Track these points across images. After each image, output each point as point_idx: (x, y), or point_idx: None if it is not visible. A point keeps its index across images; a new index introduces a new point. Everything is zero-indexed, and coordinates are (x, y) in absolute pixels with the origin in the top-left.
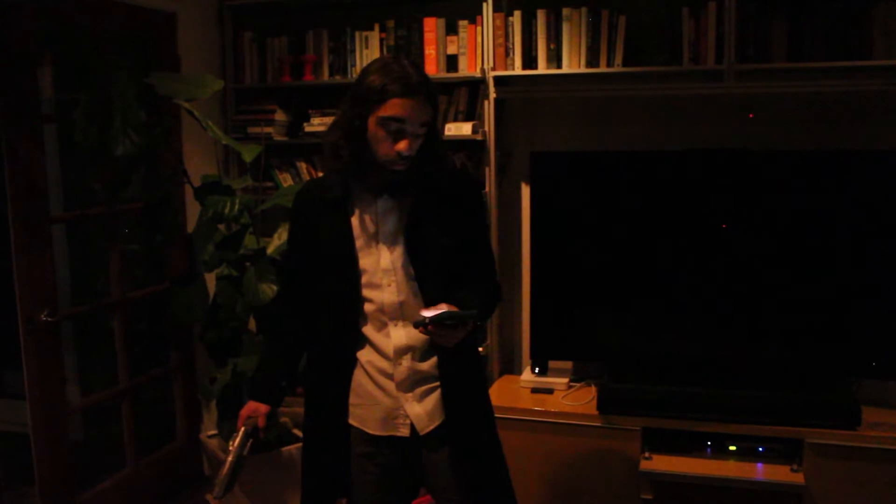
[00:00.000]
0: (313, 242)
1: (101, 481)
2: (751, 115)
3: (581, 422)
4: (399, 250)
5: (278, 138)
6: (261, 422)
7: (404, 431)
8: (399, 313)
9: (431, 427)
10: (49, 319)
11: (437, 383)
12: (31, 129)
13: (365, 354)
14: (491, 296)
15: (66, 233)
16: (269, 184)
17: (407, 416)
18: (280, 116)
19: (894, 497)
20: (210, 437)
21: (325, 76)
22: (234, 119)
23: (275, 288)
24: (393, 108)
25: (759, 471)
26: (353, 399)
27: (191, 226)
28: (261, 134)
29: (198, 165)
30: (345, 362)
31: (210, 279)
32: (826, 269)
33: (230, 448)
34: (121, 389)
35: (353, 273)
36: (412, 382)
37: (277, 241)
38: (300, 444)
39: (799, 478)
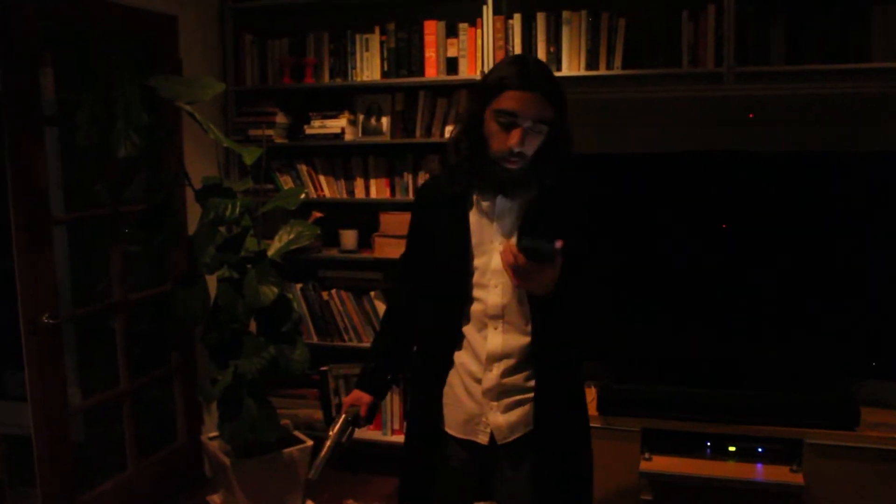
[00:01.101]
0: (430, 237)
1: (102, 482)
2: (751, 115)
3: None
4: None
5: (279, 141)
6: (363, 411)
7: (483, 439)
8: (500, 316)
9: (511, 438)
10: (51, 321)
11: (529, 395)
12: (33, 131)
13: (460, 356)
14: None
15: (67, 234)
16: (270, 186)
17: (488, 424)
18: (281, 119)
19: (893, 497)
20: (211, 438)
21: (326, 79)
22: (234, 121)
23: (275, 290)
24: (506, 100)
25: (759, 471)
26: (443, 398)
27: (192, 228)
28: (261, 136)
29: (199, 167)
30: (444, 362)
31: (211, 281)
32: (826, 270)
33: (329, 433)
34: (122, 391)
35: (466, 270)
36: (499, 392)
37: (278, 243)
38: (301, 446)
39: (798, 478)
